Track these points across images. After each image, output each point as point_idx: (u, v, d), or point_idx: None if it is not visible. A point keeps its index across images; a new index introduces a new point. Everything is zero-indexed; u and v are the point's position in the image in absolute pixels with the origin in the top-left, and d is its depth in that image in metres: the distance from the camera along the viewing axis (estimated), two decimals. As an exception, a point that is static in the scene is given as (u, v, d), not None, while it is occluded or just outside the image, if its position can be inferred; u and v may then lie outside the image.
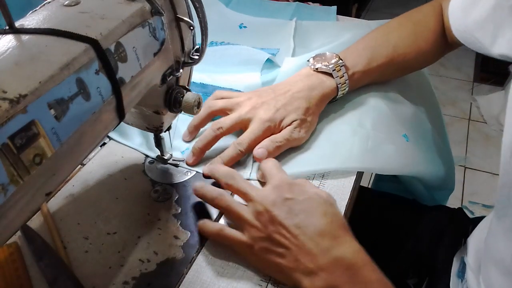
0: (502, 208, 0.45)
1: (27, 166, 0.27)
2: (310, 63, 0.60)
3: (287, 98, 0.56)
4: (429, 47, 0.63)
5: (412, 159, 0.58)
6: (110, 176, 0.53)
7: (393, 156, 0.55)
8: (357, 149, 0.54)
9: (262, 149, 0.52)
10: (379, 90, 0.64)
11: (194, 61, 0.46)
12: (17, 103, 0.26)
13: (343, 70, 0.58)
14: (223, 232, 0.44)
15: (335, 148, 0.55)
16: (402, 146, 0.57)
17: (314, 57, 0.60)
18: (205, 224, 0.46)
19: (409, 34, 0.63)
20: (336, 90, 0.58)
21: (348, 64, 0.59)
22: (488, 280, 0.48)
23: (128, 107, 0.37)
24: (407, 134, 0.59)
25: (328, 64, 0.58)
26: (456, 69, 2.30)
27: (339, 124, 0.59)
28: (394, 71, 0.64)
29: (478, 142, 1.86)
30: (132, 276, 0.42)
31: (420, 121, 0.66)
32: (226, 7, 0.85)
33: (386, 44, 0.62)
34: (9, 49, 0.29)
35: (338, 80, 0.58)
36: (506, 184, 0.43)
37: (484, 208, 1.54)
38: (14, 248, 0.44)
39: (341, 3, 1.23)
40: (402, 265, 0.63)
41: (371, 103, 0.61)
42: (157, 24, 0.39)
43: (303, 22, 0.80)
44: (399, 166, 0.55)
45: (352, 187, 0.52)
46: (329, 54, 0.60)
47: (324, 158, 0.54)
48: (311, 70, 0.59)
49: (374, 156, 0.54)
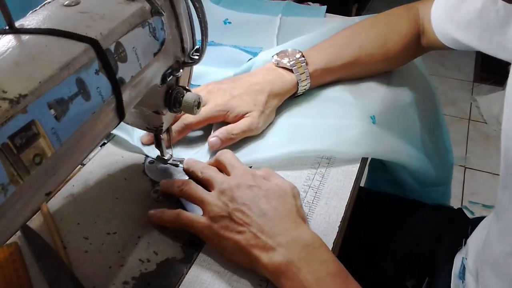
0: (501, 210, 0.45)
1: (27, 166, 0.27)
2: (273, 59, 0.61)
3: (244, 88, 0.57)
4: (397, 51, 0.63)
5: (380, 142, 0.57)
6: (110, 176, 0.53)
7: (357, 139, 0.55)
8: (316, 135, 0.55)
9: (215, 138, 0.53)
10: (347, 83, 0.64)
11: (194, 61, 0.46)
12: (17, 103, 0.26)
13: (304, 67, 0.59)
14: (180, 216, 0.45)
15: (293, 135, 0.56)
16: (367, 128, 0.57)
17: (278, 53, 0.62)
18: (163, 213, 0.46)
19: (379, 36, 0.63)
20: (296, 86, 0.60)
21: (310, 61, 0.60)
22: (485, 283, 0.48)
23: (128, 107, 0.37)
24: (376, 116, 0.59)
25: (289, 60, 0.60)
26: (456, 69, 2.30)
27: (299, 116, 0.59)
28: (361, 70, 0.65)
29: (478, 142, 1.86)
30: (132, 276, 0.42)
31: (396, 107, 0.65)
32: (211, 3, 0.85)
33: (353, 43, 0.63)
34: (9, 49, 0.29)
35: (298, 76, 0.59)
36: (507, 187, 0.43)
37: (484, 208, 1.54)
38: (14, 248, 0.44)
39: (341, 3, 1.23)
40: (402, 265, 0.63)
41: (334, 95, 0.62)
42: (157, 24, 0.39)
43: (288, 18, 0.81)
44: (365, 149, 0.55)
45: (352, 187, 0.52)
46: (291, 50, 0.61)
47: (280, 145, 0.54)
48: (273, 65, 0.61)
49: (336, 139, 0.54)
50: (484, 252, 0.49)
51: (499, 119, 1.90)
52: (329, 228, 0.47)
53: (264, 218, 0.42)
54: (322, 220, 0.48)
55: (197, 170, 0.49)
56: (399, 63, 0.67)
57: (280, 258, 0.40)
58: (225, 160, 0.49)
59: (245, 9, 0.86)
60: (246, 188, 0.44)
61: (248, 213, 0.42)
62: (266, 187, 0.45)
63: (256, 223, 0.42)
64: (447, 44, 0.59)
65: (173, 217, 0.45)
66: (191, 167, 0.50)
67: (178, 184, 0.47)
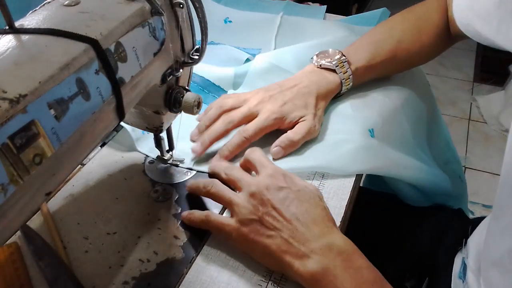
0: (501, 207, 0.45)
1: (27, 166, 0.27)
2: (313, 60, 0.61)
3: (293, 93, 0.56)
4: (432, 41, 0.63)
5: (377, 157, 0.55)
6: (110, 176, 0.53)
7: (351, 155, 0.53)
8: (310, 151, 0.54)
9: (277, 147, 0.53)
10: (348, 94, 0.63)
11: (194, 61, 0.46)
12: (17, 103, 0.26)
13: (346, 66, 0.59)
14: (209, 217, 0.44)
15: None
16: (364, 143, 0.55)
17: (317, 54, 0.61)
18: (192, 214, 0.46)
19: (413, 29, 0.63)
20: (340, 86, 0.59)
21: (351, 60, 0.60)
22: (488, 281, 0.48)
23: (128, 107, 0.37)
24: (374, 129, 0.57)
25: (331, 60, 0.59)
26: (456, 69, 2.30)
27: None
28: (398, 65, 0.64)
29: (478, 142, 1.86)
30: (132, 276, 0.42)
31: (395, 118, 0.63)
32: (213, 1, 0.85)
33: (390, 39, 0.62)
34: (9, 49, 0.29)
35: (341, 76, 0.59)
36: (508, 182, 0.43)
37: (484, 208, 1.54)
38: (14, 248, 0.44)
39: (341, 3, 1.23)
40: (402, 265, 0.63)
41: (332, 108, 0.61)
42: (157, 24, 0.39)
43: (289, 18, 0.81)
44: (359, 165, 0.53)
45: (352, 187, 0.52)
46: (332, 51, 0.61)
47: (277, 162, 0.53)
48: (314, 67, 0.60)
49: (330, 156, 0.53)
50: (486, 251, 0.49)
51: (499, 119, 1.90)
52: (329, 228, 0.47)
53: (296, 223, 0.41)
54: (322, 220, 0.48)
55: (221, 171, 0.48)
56: (434, 54, 0.67)
57: (316, 266, 0.39)
58: (255, 159, 0.48)
59: (246, 7, 0.86)
60: (276, 190, 0.43)
61: (279, 218, 0.41)
62: (297, 188, 0.44)
63: (288, 228, 0.41)
64: (469, 35, 0.59)
65: (201, 219, 0.45)
66: (214, 168, 0.50)
67: (205, 185, 0.46)
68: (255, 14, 0.83)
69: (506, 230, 0.43)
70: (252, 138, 0.53)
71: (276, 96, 0.56)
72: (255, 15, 0.83)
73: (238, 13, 0.83)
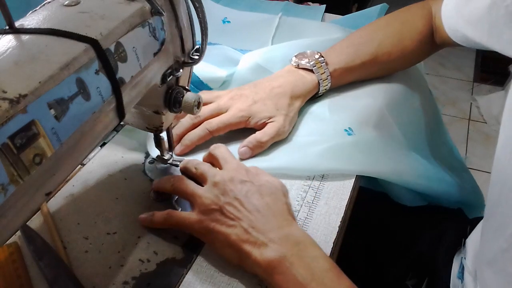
0: (492, 207, 0.45)
1: (27, 166, 0.27)
2: (292, 61, 0.61)
3: (266, 92, 0.57)
4: (414, 48, 0.63)
5: (355, 155, 0.54)
6: (110, 176, 0.53)
7: (321, 153, 0.52)
8: (280, 153, 0.54)
9: (245, 147, 0.53)
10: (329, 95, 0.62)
11: (194, 61, 0.46)
12: (17, 103, 0.26)
13: (324, 67, 0.59)
14: (170, 215, 0.45)
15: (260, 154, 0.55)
16: (336, 142, 0.54)
17: (296, 55, 0.61)
18: (152, 215, 0.46)
19: (395, 33, 0.63)
20: (318, 86, 0.60)
21: (330, 61, 0.60)
22: (484, 281, 0.48)
23: (128, 107, 0.37)
24: (353, 128, 0.56)
25: (309, 60, 0.59)
26: (456, 69, 2.30)
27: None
28: (378, 69, 0.64)
29: (478, 142, 1.86)
30: (132, 276, 0.42)
31: (382, 115, 0.61)
32: (211, 1, 0.85)
33: (371, 42, 0.62)
34: (9, 49, 0.29)
35: (319, 76, 0.59)
36: (497, 182, 0.43)
37: (484, 208, 1.54)
38: (14, 248, 0.44)
39: (341, 3, 1.23)
40: (402, 265, 0.63)
41: (312, 110, 0.60)
42: (157, 24, 0.39)
43: (287, 19, 0.81)
44: (330, 162, 0.52)
45: (352, 187, 0.52)
46: (310, 52, 0.61)
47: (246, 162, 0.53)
48: (292, 67, 0.61)
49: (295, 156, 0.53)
50: (481, 251, 0.49)
51: (499, 119, 1.89)
52: (329, 228, 0.47)
53: (256, 214, 0.42)
54: (322, 220, 0.48)
55: (191, 166, 0.49)
56: (415, 60, 0.67)
57: (273, 253, 0.40)
58: (218, 155, 0.49)
59: (245, 8, 0.86)
60: (239, 183, 0.44)
61: (239, 208, 0.42)
62: (259, 183, 0.45)
63: (248, 218, 0.42)
64: (457, 41, 0.59)
65: (163, 217, 0.45)
66: (186, 163, 0.50)
67: (170, 181, 0.47)
68: (253, 15, 0.83)
69: (498, 229, 0.43)
70: (215, 132, 0.54)
71: (247, 95, 0.56)
72: (254, 15, 0.83)
73: (237, 13, 0.83)
